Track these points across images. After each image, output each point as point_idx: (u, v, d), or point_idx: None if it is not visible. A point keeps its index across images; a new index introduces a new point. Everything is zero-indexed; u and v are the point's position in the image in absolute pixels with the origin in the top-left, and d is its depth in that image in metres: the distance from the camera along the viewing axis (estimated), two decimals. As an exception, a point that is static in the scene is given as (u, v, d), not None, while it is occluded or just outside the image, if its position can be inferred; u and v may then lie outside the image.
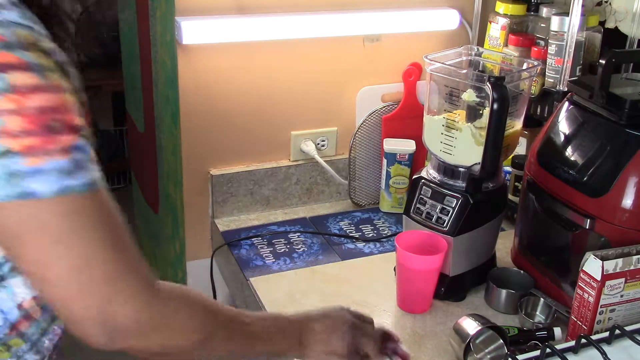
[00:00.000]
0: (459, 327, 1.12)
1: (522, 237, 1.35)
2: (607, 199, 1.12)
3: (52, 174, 0.68)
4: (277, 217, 1.65)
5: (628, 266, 1.03)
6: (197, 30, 1.43)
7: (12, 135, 0.66)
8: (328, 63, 1.62)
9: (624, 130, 1.12)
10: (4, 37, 0.66)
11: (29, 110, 0.67)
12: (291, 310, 1.19)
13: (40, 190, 0.68)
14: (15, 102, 0.66)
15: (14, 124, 0.66)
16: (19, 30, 0.68)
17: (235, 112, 1.57)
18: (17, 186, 0.67)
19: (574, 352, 0.96)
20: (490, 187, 1.29)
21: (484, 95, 1.23)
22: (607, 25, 1.50)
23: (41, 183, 0.68)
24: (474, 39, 1.69)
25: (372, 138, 1.69)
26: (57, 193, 0.69)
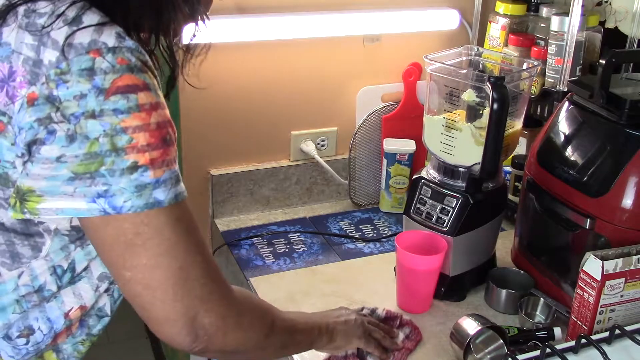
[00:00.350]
0: (459, 327, 1.12)
1: (522, 237, 1.35)
2: (607, 199, 1.12)
3: (168, 183, 0.75)
4: (277, 217, 1.65)
5: (628, 266, 1.03)
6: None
7: (139, 150, 0.72)
8: (328, 63, 1.62)
9: (624, 130, 1.12)
10: (128, 61, 0.72)
11: (152, 125, 0.73)
12: (291, 309, 1.19)
13: (162, 199, 0.74)
14: (142, 120, 0.72)
15: (141, 139, 0.72)
16: (138, 55, 0.74)
17: (235, 112, 1.57)
18: (145, 197, 0.73)
19: (574, 352, 0.96)
20: (490, 187, 1.28)
21: (484, 95, 1.23)
22: (607, 25, 1.50)
23: (162, 192, 0.74)
24: (474, 39, 1.69)
25: (372, 138, 1.69)
26: (171, 200, 0.75)
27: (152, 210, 0.74)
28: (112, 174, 0.72)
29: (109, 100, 0.70)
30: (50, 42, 0.71)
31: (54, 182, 0.72)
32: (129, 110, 0.71)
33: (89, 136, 0.71)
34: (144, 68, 0.74)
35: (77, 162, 0.71)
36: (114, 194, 0.72)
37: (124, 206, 0.72)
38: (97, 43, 0.71)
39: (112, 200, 0.72)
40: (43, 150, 0.72)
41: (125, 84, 0.71)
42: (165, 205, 0.74)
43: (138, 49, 0.74)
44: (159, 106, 0.74)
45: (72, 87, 0.70)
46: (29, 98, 0.71)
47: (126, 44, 0.73)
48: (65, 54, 0.71)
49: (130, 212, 0.73)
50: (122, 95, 0.71)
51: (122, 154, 0.71)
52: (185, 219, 0.77)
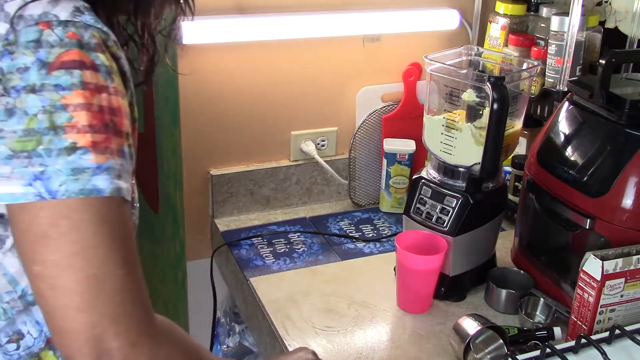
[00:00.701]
0: (459, 327, 1.12)
1: (522, 237, 1.35)
2: (607, 199, 1.12)
3: (110, 172, 0.69)
4: (277, 217, 1.65)
5: (628, 266, 1.03)
6: (197, 30, 1.43)
7: (79, 130, 0.67)
8: (328, 63, 1.62)
9: (624, 130, 1.12)
10: (79, 36, 0.68)
11: (95, 107, 0.68)
12: (291, 309, 1.19)
13: (102, 188, 0.68)
14: (85, 98, 0.67)
15: (82, 119, 0.67)
16: (93, 32, 0.70)
17: (235, 112, 1.57)
18: (82, 182, 0.67)
19: (574, 352, 0.96)
20: (490, 187, 1.28)
21: (484, 95, 1.23)
22: (607, 25, 1.50)
23: (103, 181, 0.68)
24: (474, 39, 1.69)
25: (372, 138, 1.69)
26: (113, 192, 0.69)
27: (81, 200, 0.67)
28: (49, 153, 0.66)
29: (51, 75, 0.67)
30: (2, 14, 0.69)
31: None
32: (71, 86, 0.67)
33: (28, 112, 0.67)
34: (98, 47, 0.69)
35: (15, 138, 0.67)
36: (50, 176, 0.66)
37: (59, 190, 0.66)
38: (48, 15, 0.68)
39: (48, 183, 0.66)
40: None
41: (71, 59, 0.67)
42: (106, 194, 0.68)
43: (98, 27, 0.71)
44: (107, 90, 0.69)
45: (17, 58, 0.67)
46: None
47: (82, 19, 0.69)
48: (15, 25, 0.68)
49: (62, 199, 0.66)
50: (66, 70, 0.67)
51: (60, 133, 0.67)
52: (116, 222, 0.70)
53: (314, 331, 1.21)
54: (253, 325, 1.42)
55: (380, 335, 1.21)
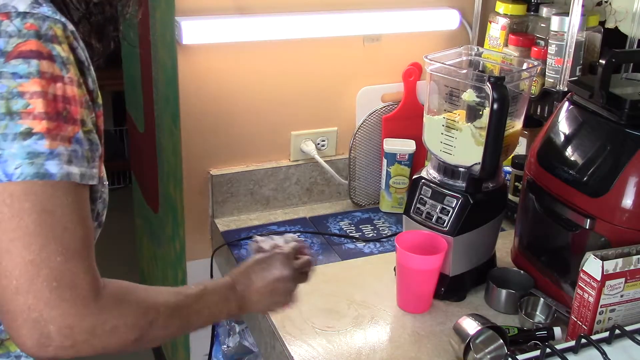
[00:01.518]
0: (459, 327, 1.12)
1: (522, 237, 1.35)
2: (607, 199, 1.12)
3: (61, 158, 0.71)
4: (277, 217, 1.65)
5: (628, 266, 1.03)
6: (197, 30, 1.43)
7: (35, 117, 0.70)
8: (328, 63, 1.62)
9: (624, 130, 1.12)
10: (37, 27, 0.71)
11: (49, 95, 0.71)
12: (291, 309, 1.19)
13: (54, 172, 0.70)
14: (41, 86, 0.70)
15: (38, 106, 0.70)
16: (51, 24, 0.73)
17: (235, 112, 1.57)
18: (36, 166, 0.70)
19: (574, 352, 0.96)
20: (490, 187, 1.29)
21: (484, 95, 1.23)
22: (607, 25, 1.50)
23: (54, 165, 0.71)
24: (474, 39, 1.69)
25: (372, 138, 1.69)
26: (63, 177, 0.71)
27: (29, 188, 0.69)
28: (4, 138, 0.70)
29: (8, 63, 0.70)
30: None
31: None
32: (28, 75, 0.70)
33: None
34: (55, 39, 0.72)
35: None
36: (6, 159, 0.69)
37: (14, 173, 0.69)
38: (7, 7, 0.71)
39: (5, 165, 0.69)
40: None
41: (28, 49, 0.71)
42: (57, 179, 0.70)
43: (56, 18, 0.73)
44: (62, 80, 0.72)
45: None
46: None
47: (40, 10, 0.72)
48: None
49: (18, 181, 0.69)
50: (23, 59, 0.70)
51: (16, 118, 0.70)
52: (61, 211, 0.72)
53: (314, 331, 1.21)
54: (253, 325, 1.42)
55: (380, 335, 1.22)
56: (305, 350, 1.16)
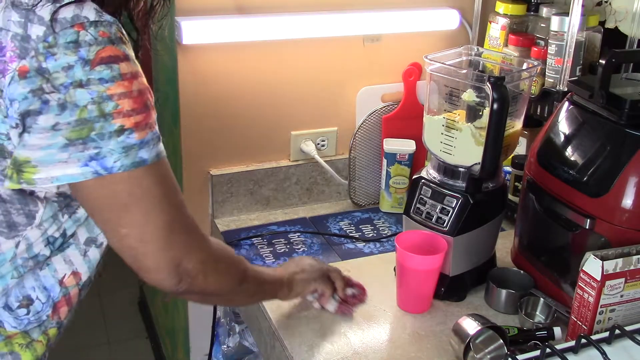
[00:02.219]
0: (459, 327, 1.12)
1: (522, 237, 1.35)
2: (607, 199, 1.12)
3: (151, 143, 0.82)
4: (277, 217, 1.65)
5: (628, 266, 1.03)
6: (197, 30, 1.43)
7: (125, 114, 0.79)
8: (328, 63, 1.62)
9: (624, 130, 1.12)
10: (109, 34, 0.78)
11: (134, 93, 0.79)
12: (291, 309, 1.20)
13: (146, 157, 0.81)
14: (125, 87, 0.78)
15: (126, 105, 0.78)
16: (116, 28, 0.80)
17: (235, 112, 1.57)
18: (132, 157, 0.80)
19: (574, 352, 0.96)
20: (490, 187, 1.28)
21: (484, 95, 1.23)
22: (607, 25, 1.50)
23: (146, 152, 0.81)
24: (474, 39, 1.69)
25: (372, 138, 1.69)
26: (154, 158, 0.83)
27: (140, 170, 0.81)
28: (101, 137, 0.78)
29: (94, 70, 0.76)
30: (36, 18, 0.76)
31: (50, 151, 0.77)
32: (113, 79, 0.77)
33: (78, 104, 0.76)
34: (122, 40, 0.80)
35: (70, 129, 0.77)
36: (104, 156, 0.78)
37: (114, 166, 0.79)
38: (80, 18, 0.77)
39: (103, 161, 0.78)
40: (40, 120, 0.77)
41: (107, 55, 0.77)
42: (149, 163, 0.82)
43: (116, 23, 0.80)
44: (139, 75, 0.81)
45: (60, 59, 0.75)
46: (20, 71, 0.75)
47: (105, 18, 0.79)
48: (52, 28, 0.75)
49: (120, 172, 0.79)
50: (106, 65, 0.77)
51: (109, 119, 0.78)
52: (168, 175, 0.86)
53: (313, 331, 1.21)
54: (253, 325, 1.42)
55: (380, 335, 1.22)
56: (305, 351, 1.16)
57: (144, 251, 0.85)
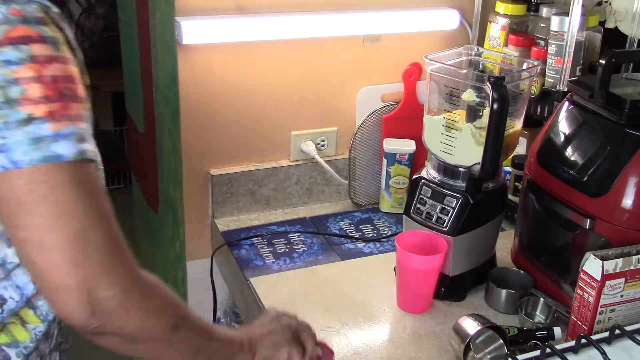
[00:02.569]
0: (459, 327, 1.12)
1: (522, 237, 1.35)
2: (607, 199, 1.12)
3: (71, 137, 0.72)
4: (277, 217, 1.65)
5: (628, 266, 1.03)
6: (197, 30, 1.43)
7: (34, 102, 0.70)
8: (328, 63, 1.62)
9: (624, 130, 1.12)
10: (23, 12, 0.71)
11: (46, 78, 0.71)
12: (291, 309, 1.19)
13: (64, 153, 0.71)
14: (35, 71, 0.70)
15: (35, 91, 0.70)
16: (35, 7, 0.72)
17: (235, 112, 1.57)
18: (43, 150, 0.70)
19: (574, 352, 0.96)
20: (490, 187, 1.28)
21: (484, 95, 1.23)
22: (607, 25, 1.50)
23: (63, 147, 0.71)
24: (474, 39, 1.69)
25: (372, 138, 1.69)
26: (75, 156, 0.72)
27: (51, 166, 0.71)
28: (7, 126, 0.70)
29: (1, 52, 0.70)
30: None
31: None
32: (21, 61, 0.70)
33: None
34: (42, 21, 0.72)
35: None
36: (11, 148, 0.70)
37: (23, 160, 0.70)
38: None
39: (10, 154, 0.70)
40: None
41: (18, 35, 0.70)
42: (67, 160, 0.71)
43: (39, 1, 0.73)
44: (57, 60, 0.72)
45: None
46: None
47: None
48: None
49: (29, 167, 0.70)
50: (13, 46, 0.70)
51: (15, 106, 0.70)
52: (88, 181, 0.74)
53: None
54: (253, 325, 1.41)
55: (380, 335, 1.21)
56: (305, 350, 1.16)
57: (46, 265, 0.72)
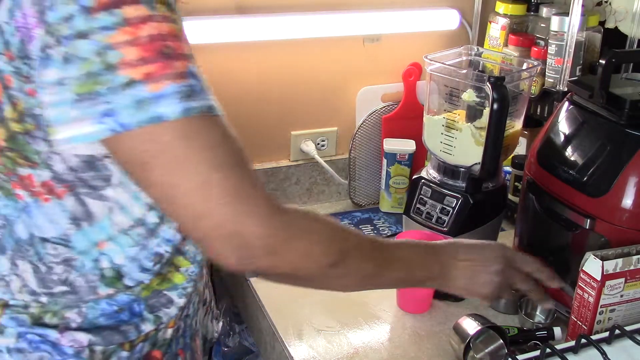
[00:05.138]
0: (459, 327, 1.12)
1: (522, 237, 1.35)
2: (607, 199, 1.12)
3: (173, 97, 0.72)
4: (277, 217, 1.65)
5: (628, 266, 1.03)
6: (197, 30, 1.43)
7: (132, 65, 0.70)
8: (328, 63, 1.62)
9: (624, 130, 1.12)
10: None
11: (142, 39, 0.70)
12: (291, 309, 1.20)
13: (167, 113, 0.71)
14: (130, 34, 0.70)
15: (132, 54, 0.70)
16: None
17: (235, 112, 1.56)
18: (146, 111, 0.71)
19: (574, 352, 0.96)
20: (490, 187, 1.29)
21: (484, 95, 1.23)
22: (607, 25, 1.50)
23: (165, 107, 0.71)
24: (474, 39, 1.69)
25: (372, 138, 1.69)
26: (180, 115, 0.72)
27: (156, 126, 0.71)
28: (111, 91, 0.70)
29: (94, 18, 0.69)
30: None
31: (62, 109, 0.72)
32: (115, 25, 0.69)
33: (81, 56, 0.70)
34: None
35: (77, 83, 0.71)
36: (118, 112, 0.71)
37: (130, 122, 0.71)
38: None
39: (118, 117, 0.71)
40: (45, 75, 0.71)
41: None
42: (172, 119, 0.71)
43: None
44: (152, 19, 0.71)
45: (59, 9, 0.69)
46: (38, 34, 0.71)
47: None
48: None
49: (136, 128, 0.71)
50: (106, 11, 0.69)
51: (115, 71, 0.70)
52: (200, 135, 0.74)
53: (314, 331, 1.21)
54: (253, 325, 1.42)
55: (380, 335, 1.21)
56: (305, 350, 1.16)
57: (184, 217, 0.75)
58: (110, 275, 0.86)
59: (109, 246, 0.85)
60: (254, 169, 0.79)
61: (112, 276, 0.86)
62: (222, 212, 0.74)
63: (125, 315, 0.89)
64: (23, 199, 0.81)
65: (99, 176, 0.80)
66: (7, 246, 0.84)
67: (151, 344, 0.92)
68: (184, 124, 0.72)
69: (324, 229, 0.83)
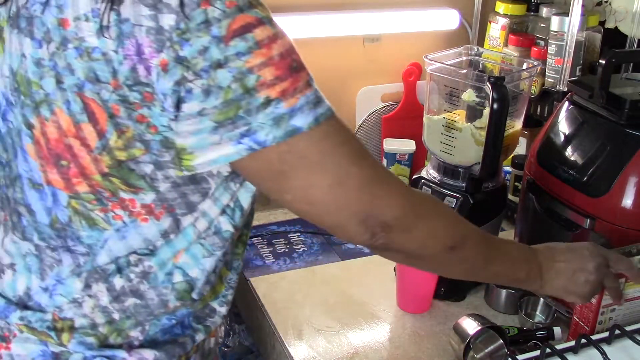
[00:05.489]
0: (459, 327, 1.12)
1: (522, 237, 1.35)
2: (607, 199, 1.12)
3: (305, 108, 0.76)
4: (277, 217, 1.65)
5: (628, 266, 1.03)
6: (197, 30, 1.43)
7: (268, 85, 0.74)
8: (328, 63, 1.62)
9: (624, 130, 1.12)
10: (236, 2, 0.73)
11: (275, 58, 0.74)
12: (291, 309, 1.20)
13: (301, 125, 0.76)
14: (263, 56, 0.74)
15: (268, 75, 0.74)
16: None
17: (235, 112, 1.57)
18: (283, 127, 0.75)
19: (574, 352, 0.96)
20: (490, 187, 1.28)
21: (484, 95, 1.23)
22: (607, 25, 1.50)
23: (300, 119, 0.76)
24: (474, 39, 1.69)
25: (372, 138, 1.69)
26: (313, 124, 0.77)
27: (293, 138, 0.76)
28: (249, 113, 0.74)
29: (229, 46, 0.72)
30: (164, 7, 0.73)
31: (201, 136, 0.75)
32: (249, 50, 0.73)
33: (221, 86, 0.73)
34: (252, 3, 0.75)
35: (217, 112, 0.74)
36: (255, 131, 0.74)
37: (267, 139, 0.75)
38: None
39: (255, 136, 0.75)
40: (184, 108, 0.74)
41: (239, 25, 0.73)
42: (305, 130, 0.76)
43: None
44: (277, 36, 0.76)
45: (194, 43, 0.72)
46: (162, 65, 0.72)
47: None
48: (183, 13, 0.72)
49: (273, 144, 0.75)
50: (239, 37, 0.73)
51: (254, 93, 0.74)
52: (329, 136, 0.79)
53: (314, 331, 1.21)
54: (253, 325, 1.42)
55: (380, 335, 1.22)
56: (305, 350, 1.16)
57: (318, 213, 0.82)
58: (182, 289, 0.87)
59: (183, 259, 0.86)
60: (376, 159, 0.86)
61: (184, 289, 0.88)
62: (362, 200, 0.80)
63: (178, 329, 0.90)
64: (121, 219, 0.82)
65: (198, 189, 0.83)
66: (84, 272, 0.84)
67: (201, 355, 0.95)
68: (316, 131, 0.77)
69: (448, 212, 0.91)
